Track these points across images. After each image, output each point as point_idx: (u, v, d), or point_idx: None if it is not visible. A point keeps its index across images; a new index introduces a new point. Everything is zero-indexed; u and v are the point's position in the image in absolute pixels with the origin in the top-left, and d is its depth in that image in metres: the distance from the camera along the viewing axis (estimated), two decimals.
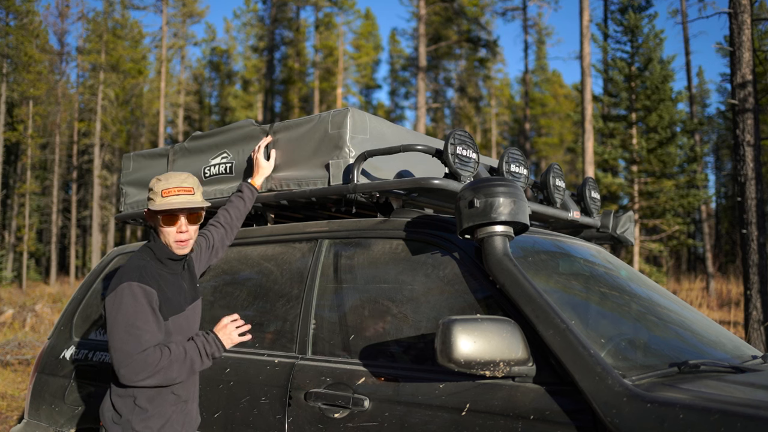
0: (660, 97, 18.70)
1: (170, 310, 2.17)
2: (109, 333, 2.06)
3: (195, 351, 2.14)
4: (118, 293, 2.08)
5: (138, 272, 2.13)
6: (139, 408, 2.11)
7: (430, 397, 2.02)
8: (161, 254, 2.23)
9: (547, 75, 43.81)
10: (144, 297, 2.08)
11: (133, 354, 2.01)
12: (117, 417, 2.12)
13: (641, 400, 1.65)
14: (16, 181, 33.67)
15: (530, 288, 1.95)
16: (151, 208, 2.21)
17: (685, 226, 20.22)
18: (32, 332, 11.49)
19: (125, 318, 2.04)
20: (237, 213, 2.70)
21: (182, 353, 2.10)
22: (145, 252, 2.24)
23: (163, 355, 2.05)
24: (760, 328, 7.91)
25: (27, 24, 28.84)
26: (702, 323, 2.59)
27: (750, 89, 8.18)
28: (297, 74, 38.75)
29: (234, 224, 2.68)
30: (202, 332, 2.23)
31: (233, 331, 2.22)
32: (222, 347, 2.20)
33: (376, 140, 2.71)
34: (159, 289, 2.14)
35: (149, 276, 2.14)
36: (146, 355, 2.02)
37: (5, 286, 25.18)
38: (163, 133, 32.94)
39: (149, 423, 2.12)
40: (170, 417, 2.17)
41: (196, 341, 2.16)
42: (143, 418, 2.11)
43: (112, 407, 2.14)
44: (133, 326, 2.03)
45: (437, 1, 26.23)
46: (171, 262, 2.25)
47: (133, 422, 2.10)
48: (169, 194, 2.19)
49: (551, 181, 2.98)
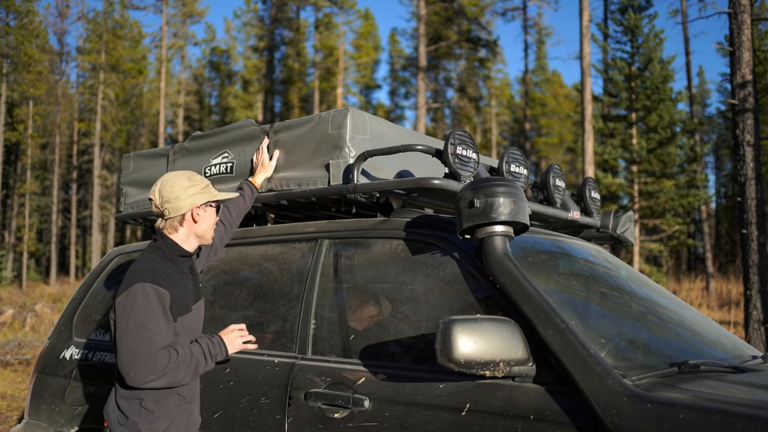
0: (660, 97, 18.71)
1: (179, 310, 2.18)
2: (119, 334, 2.04)
3: (200, 353, 2.15)
4: (131, 294, 2.06)
5: (151, 273, 2.12)
6: (145, 410, 2.11)
7: (430, 397, 2.02)
8: (172, 253, 2.23)
9: (547, 75, 43.81)
10: (156, 298, 2.07)
11: (143, 356, 2.00)
12: (123, 419, 2.12)
13: (641, 400, 1.65)
14: (16, 181, 33.67)
15: (530, 288, 1.95)
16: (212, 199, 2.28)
17: (685, 226, 20.23)
18: (32, 332, 11.50)
19: (137, 319, 2.03)
20: (237, 211, 2.70)
21: (189, 355, 2.11)
22: (154, 252, 2.23)
23: (171, 357, 2.05)
24: (760, 328, 7.91)
25: (27, 24, 28.84)
26: (702, 323, 2.59)
27: (750, 89, 8.18)
28: (297, 74, 38.76)
29: (233, 222, 2.68)
30: (206, 335, 2.25)
31: (237, 338, 2.27)
32: (226, 351, 2.23)
33: (376, 140, 2.71)
34: (170, 290, 2.14)
35: (161, 276, 2.13)
36: (156, 357, 2.02)
37: (5, 286, 25.18)
38: (163, 133, 32.95)
39: (155, 425, 2.12)
40: (175, 418, 2.17)
41: (200, 343, 2.18)
42: (149, 419, 2.11)
43: (117, 409, 2.13)
44: (145, 328, 2.02)
45: (437, 1, 26.23)
46: (181, 260, 2.26)
47: (139, 424, 2.10)
48: (209, 186, 2.30)
49: (551, 181, 2.98)
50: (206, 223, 2.29)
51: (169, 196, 2.21)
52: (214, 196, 2.30)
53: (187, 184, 2.23)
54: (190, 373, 2.11)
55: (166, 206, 2.21)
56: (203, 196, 2.25)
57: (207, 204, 2.29)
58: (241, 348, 2.28)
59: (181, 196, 2.21)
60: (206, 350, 2.17)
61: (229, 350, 2.24)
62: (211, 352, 2.18)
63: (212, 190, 2.30)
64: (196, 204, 2.23)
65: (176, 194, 2.21)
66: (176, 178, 2.25)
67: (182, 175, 2.26)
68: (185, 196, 2.21)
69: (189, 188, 2.23)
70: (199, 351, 2.15)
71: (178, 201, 2.21)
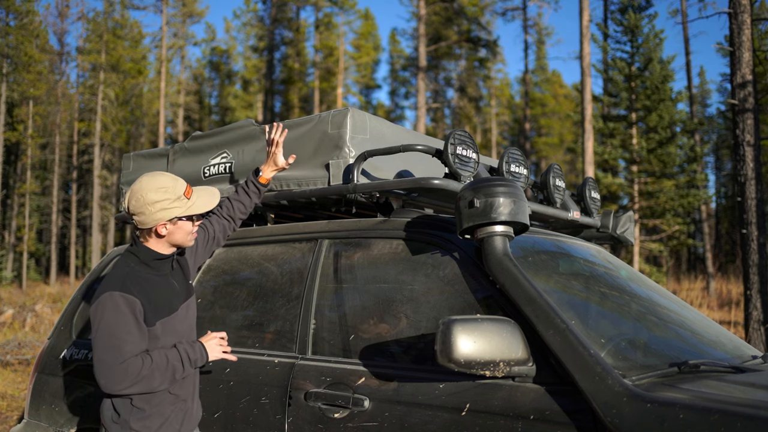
0: (660, 97, 18.70)
1: (157, 314, 2.14)
2: (93, 343, 2.06)
3: (177, 359, 2.13)
4: (101, 303, 2.06)
5: (121, 281, 2.09)
6: (136, 408, 2.11)
7: (430, 397, 2.02)
8: (147, 257, 2.19)
9: (547, 75, 43.80)
10: (126, 306, 2.05)
11: (112, 365, 2.01)
12: (116, 416, 2.13)
13: (641, 400, 1.65)
14: (16, 181, 33.67)
15: (530, 288, 1.95)
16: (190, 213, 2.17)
17: (685, 226, 20.22)
18: (32, 332, 11.50)
19: (106, 328, 2.03)
20: (240, 207, 2.63)
21: (164, 361, 2.09)
22: (129, 258, 2.20)
23: (144, 364, 2.04)
24: (760, 328, 7.91)
25: (27, 24, 28.84)
26: (702, 323, 2.59)
27: (750, 89, 8.18)
28: (297, 74, 38.76)
29: (237, 216, 2.63)
30: (186, 341, 2.23)
31: (217, 345, 2.27)
32: (206, 355, 2.22)
33: (376, 140, 2.71)
34: (144, 296, 2.11)
35: (133, 284, 2.10)
36: (126, 365, 2.02)
37: (5, 286, 25.18)
38: (163, 133, 32.94)
39: (147, 422, 2.13)
40: (169, 416, 2.18)
41: (179, 348, 2.16)
42: (140, 417, 2.12)
43: (111, 407, 2.15)
44: (114, 336, 2.03)
45: (437, 1, 26.23)
46: (158, 263, 2.21)
47: (131, 422, 2.11)
48: (190, 193, 2.20)
49: (551, 181, 2.98)
50: (178, 235, 2.19)
51: (135, 209, 2.14)
52: (186, 210, 2.16)
53: (155, 198, 2.11)
54: (167, 379, 2.10)
55: (134, 217, 2.16)
56: (172, 211, 2.14)
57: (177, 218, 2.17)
58: (221, 357, 2.27)
59: (146, 212, 2.11)
60: (184, 356, 2.15)
61: (210, 356, 2.23)
62: (190, 358, 2.16)
63: (185, 202, 2.16)
64: (161, 221, 2.14)
65: (141, 209, 2.12)
66: (145, 190, 2.13)
67: (152, 186, 2.13)
68: (150, 212, 2.11)
69: (156, 203, 2.12)
70: (176, 357, 2.13)
71: (143, 216, 2.13)
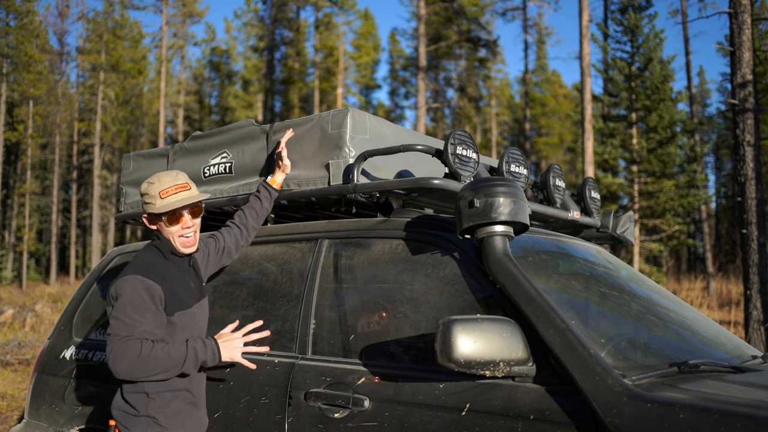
0: (660, 97, 18.70)
1: (176, 305, 2.20)
2: (109, 319, 2.12)
3: (180, 356, 2.10)
4: (121, 284, 2.13)
5: (144, 268, 2.18)
6: (153, 400, 2.16)
7: (430, 397, 2.02)
8: (166, 250, 2.28)
9: (547, 75, 43.78)
10: (146, 291, 2.11)
11: (119, 340, 2.04)
12: (133, 410, 2.17)
13: (641, 400, 1.65)
14: (16, 181, 33.66)
15: (530, 288, 1.95)
16: (152, 211, 2.23)
17: (685, 226, 20.23)
18: (32, 332, 11.50)
19: (122, 306, 2.09)
20: (252, 213, 2.66)
21: (166, 353, 2.07)
22: (151, 250, 2.30)
23: (143, 347, 2.03)
24: (760, 328, 7.91)
25: (27, 24, 28.83)
26: (702, 323, 2.59)
27: (750, 89, 8.18)
28: (297, 74, 38.74)
29: (250, 224, 2.65)
30: (201, 338, 2.21)
31: (237, 348, 2.21)
32: (219, 357, 2.18)
33: (376, 140, 2.71)
34: (165, 285, 2.17)
35: (155, 272, 2.18)
36: (126, 343, 2.03)
37: (5, 286, 25.17)
38: (163, 133, 32.94)
39: (164, 410, 2.17)
40: (184, 414, 2.22)
41: (188, 345, 2.13)
42: (158, 405, 2.16)
43: (126, 403, 2.18)
44: (128, 316, 2.07)
45: (437, 1, 26.22)
46: (177, 258, 2.29)
47: (149, 410, 2.15)
48: (167, 194, 2.22)
49: (551, 181, 2.98)
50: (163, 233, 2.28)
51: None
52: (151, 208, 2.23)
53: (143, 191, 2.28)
54: (162, 371, 2.07)
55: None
56: (146, 207, 2.27)
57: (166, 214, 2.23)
58: (237, 360, 2.21)
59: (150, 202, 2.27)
60: (191, 354, 2.12)
61: (223, 357, 2.18)
62: (197, 357, 2.13)
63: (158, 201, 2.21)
64: (144, 213, 2.30)
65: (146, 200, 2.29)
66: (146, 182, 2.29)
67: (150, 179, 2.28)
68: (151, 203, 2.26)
69: (144, 195, 2.27)
70: (179, 354, 2.10)
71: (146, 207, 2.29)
